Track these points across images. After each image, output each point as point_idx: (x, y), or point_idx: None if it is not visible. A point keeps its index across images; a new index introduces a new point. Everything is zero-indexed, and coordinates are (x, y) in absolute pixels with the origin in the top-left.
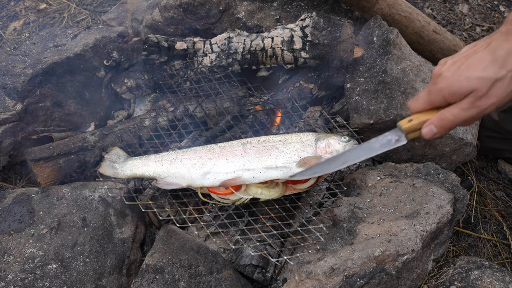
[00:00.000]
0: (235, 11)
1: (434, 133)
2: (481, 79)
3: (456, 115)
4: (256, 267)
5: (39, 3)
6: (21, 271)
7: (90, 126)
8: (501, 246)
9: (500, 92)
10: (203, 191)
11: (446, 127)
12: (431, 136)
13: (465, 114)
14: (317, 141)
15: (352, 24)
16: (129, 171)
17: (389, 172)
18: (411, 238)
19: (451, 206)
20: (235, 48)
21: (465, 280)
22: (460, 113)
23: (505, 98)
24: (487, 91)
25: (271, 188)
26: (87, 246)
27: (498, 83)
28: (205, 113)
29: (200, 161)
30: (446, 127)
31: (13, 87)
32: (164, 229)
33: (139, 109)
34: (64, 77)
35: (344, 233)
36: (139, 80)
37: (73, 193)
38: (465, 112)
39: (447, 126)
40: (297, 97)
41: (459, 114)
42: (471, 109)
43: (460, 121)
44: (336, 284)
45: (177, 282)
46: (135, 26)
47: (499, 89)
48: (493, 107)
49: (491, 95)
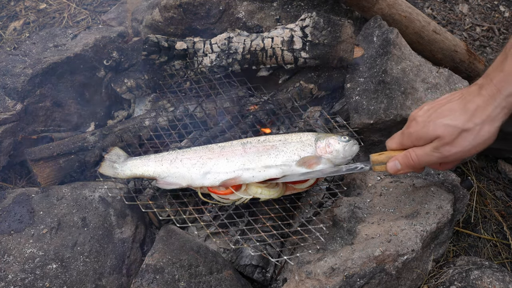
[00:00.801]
0: (235, 11)
1: (398, 169)
2: (448, 126)
3: (419, 157)
4: (256, 267)
5: (39, 3)
6: (21, 271)
7: (90, 126)
8: (501, 246)
9: (466, 144)
10: (203, 191)
11: (409, 165)
12: (395, 171)
13: (427, 157)
14: (317, 141)
15: (352, 24)
16: (129, 171)
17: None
18: (411, 238)
19: (451, 206)
20: (235, 48)
21: (465, 280)
22: (422, 156)
23: (470, 150)
24: (452, 139)
25: (271, 188)
26: (87, 246)
27: (465, 133)
28: (205, 113)
29: (200, 161)
30: (409, 165)
31: (13, 87)
32: (164, 229)
33: (139, 109)
34: (64, 77)
35: (344, 233)
36: (139, 80)
37: (73, 193)
38: (427, 155)
39: (410, 164)
40: (297, 97)
41: (422, 156)
42: (434, 153)
43: (423, 163)
44: (336, 284)
45: (177, 282)
46: (135, 26)
47: (464, 140)
48: (457, 156)
49: (456, 144)
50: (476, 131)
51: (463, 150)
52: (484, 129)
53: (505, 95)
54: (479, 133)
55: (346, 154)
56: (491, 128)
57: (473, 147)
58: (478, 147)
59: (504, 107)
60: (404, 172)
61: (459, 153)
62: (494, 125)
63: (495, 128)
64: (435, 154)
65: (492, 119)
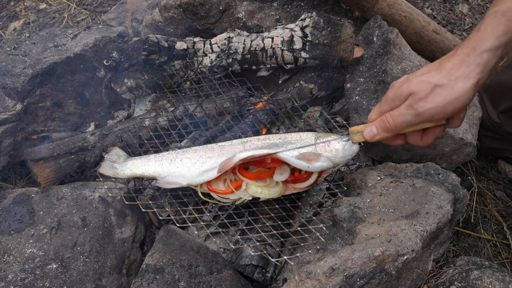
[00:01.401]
0: (235, 11)
1: (374, 133)
2: (421, 82)
3: (393, 117)
4: (256, 267)
5: (39, 3)
6: (21, 271)
7: (90, 126)
8: (501, 246)
9: (440, 99)
10: (203, 190)
11: (385, 128)
12: (371, 137)
13: (402, 117)
14: (317, 139)
15: (352, 24)
16: (129, 171)
17: (389, 172)
18: (411, 238)
19: (451, 206)
20: (235, 48)
21: (465, 280)
22: (397, 116)
23: (445, 106)
24: (425, 95)
25: (271, 187)
26: (87, 246)
27: (438, 89)
28: (205, 113)
29: (200, 160)
30: (385, 129)
31: (13, 87)
32: (164, 229)
33: (139, 109)
34: (64, 77)
35: (344, 233)
36: (139, 80)
37: (73, 193)
38: (401, 115)
39: (386, 127)
40: (297, 97)
41: (397, 116)
42: (408, 111)
43: (398, 124)
44: (336, 284)
45: (177, 282)
46: (135, 26)
47: (438, 95)
48: (431, 113)
49: (429, 100)
50: (450, 87)
51: (437, 106)
52: (458, 84)
53: (479, 52)
54: (453, 88)
55: (346, 153)
56: (465, 84)
57: (448, 102)
58: (452, 103)
59: (479, 64)
60: (381, 138)
61: (433, 109)
62: (469, 81)
63: (470, 85)
64: (409, 111)
65: (466, 75)
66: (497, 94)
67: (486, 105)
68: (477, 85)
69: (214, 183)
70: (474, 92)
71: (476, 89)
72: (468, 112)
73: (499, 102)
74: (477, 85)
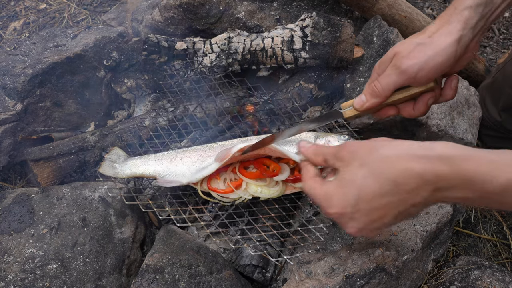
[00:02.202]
0: (235, 11)
1: (363, 101)
2: (404, 42)
3: (380, 80)
4: (256, 267)
5: (39, 3)
6: (21, 271)
7: (90, 126)
8: (501, 246)
9: (421, 55)
10: (203, 189)
11: (374, 93)
12: (361, 105)
13: (387, 78)
14: (316, 139)
15: (352, 24)
16: (129, 170)
17: None
18: (411, 238)
19: (451, 206)
20: (235, 48)
21: (465, 280)
22: (383, 78)
23: (427, 61)
24: (408, 53)
25: (271, 187)
26: (87, 246)
27: (420, 46)
28: (205, 113)
29: (200, 159)
30: (373, 93)
31: (13, 87)
32: (164, 229)
33: (139, 109)
34: (64, 77)
35: (344, 233)
36: (139, 80)
37: (73, 193)
38: (387, 76)
39: (374, 91)
40: (297, 97)
41: (383, 79)
42: (392, 71)
43: (385, 86)
44: (336, 284)
45: (177, 282)
46: (135, 26)
47: (420, 51)
48: (414, 69)
49: (411, 56)
50: (432, 43)
51: (419, 61)
52: (440, 39)
53: (460, 9)
54: (434, 44)
55: None
56: (446, 38)
57: (429, 57)
58: (434, 58)
59: (460, 21)
60: (371, 105)
61: (416, 65)
62: (451, 37)
63: (451, 40)
64: (394, 70)
65: (448, 31)
66: (498, 91)
67: (487, 104)
68: (459, 42)
69: (214, 182)
70: (457, 49)
71: (459, 47)
72: (468, 112)
73: (499, 100)
74: (459, 42)
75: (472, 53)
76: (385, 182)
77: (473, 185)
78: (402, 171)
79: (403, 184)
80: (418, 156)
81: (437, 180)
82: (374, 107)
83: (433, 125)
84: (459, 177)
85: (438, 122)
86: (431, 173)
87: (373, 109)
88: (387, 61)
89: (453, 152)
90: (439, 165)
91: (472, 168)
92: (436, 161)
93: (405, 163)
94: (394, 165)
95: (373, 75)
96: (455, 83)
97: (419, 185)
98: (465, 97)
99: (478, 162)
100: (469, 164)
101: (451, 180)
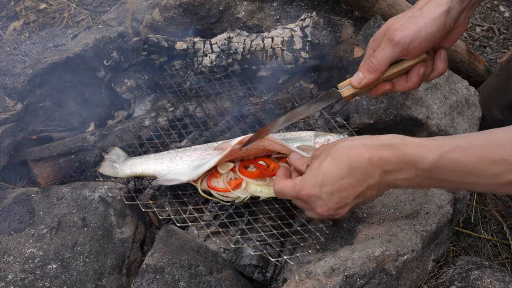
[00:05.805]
0: (235, 11)
1: (361, 78)
2: (396, 17)
3: (375, 55)
4: (256, 267)
5: (39, 3)
6: (21, 271)
7: (90, 126)
8: (501, 246)
9: (412, 26)
10: (203, 188)
11: (370, 68)
12: (358, 82)
13: (382, 52)
14: (316, 137)
15: (352, 24)
16: (129, 170)
17: None
18: (411, 238)
19: (451, 206)
20: (235, 48)
21: (465, 280)
22: (378, 53)
23: (419, 32)
24: (400, 25)
25: (271, 186)
26: (87, 246)
27: (411, 18)
28: (205, 113)
29: (200, 157)
30: (370, 69)
31: (13, 87)
32: (164, 229)
33: (139, 109)
34: (64, 77)
35: (344, 233)
36: (139, 80)
37: (73, 193)
38: (381, 50)
39: (371, 67)
40: (297, 97)
41: (377, 53)
42: (385, 44)
43: (380, 60)
44: (336, 284)
45: (177, 282)
46: (135, 26)
47: (410, 23)
48: (406, 40)
49: (403, 28)
50: (422, 14)
51: (410, 32)
52: (429, 10)
53: None
54: (424, 14)
55: None
56: (436, 9)
57: (420, 27)
58: (425, 28)
59: None
60: (368, 81)
61: (408, 36)
62: (440, 8)
63: (440, 11)
64: (387, 44)
65: (437, 4)
66: (501, 89)
67: (488, 102)
68: (448, 13)
69: (214, 181)
70: (446, 20)
71: (448, 18)
72: (468, 112)
73: (503, 97)
74: (448, 13)
75: (462, 27)
76: (343, 165)
77: (411, 166)
78: (354, 157)
79: (356, 168)
80: (366, 145)
81: (383, 163)
82: (371, 83)
83: (433, 125)
84: (401, 160)
85: (438, 122)
86: (377, 157)
87: (370, 86)
88: (380, 36)
89: (395, 141)
90: (383, 151)
91: (409, 152)
92: (380, 148)
93: (357, 151)
94: (348, 153)
95: (368, 51)
96: (444, 54)
97: (369, 168)
98: (465, 97)
99: (413, 146)
100: (407, 148)
101: (395, 163)
